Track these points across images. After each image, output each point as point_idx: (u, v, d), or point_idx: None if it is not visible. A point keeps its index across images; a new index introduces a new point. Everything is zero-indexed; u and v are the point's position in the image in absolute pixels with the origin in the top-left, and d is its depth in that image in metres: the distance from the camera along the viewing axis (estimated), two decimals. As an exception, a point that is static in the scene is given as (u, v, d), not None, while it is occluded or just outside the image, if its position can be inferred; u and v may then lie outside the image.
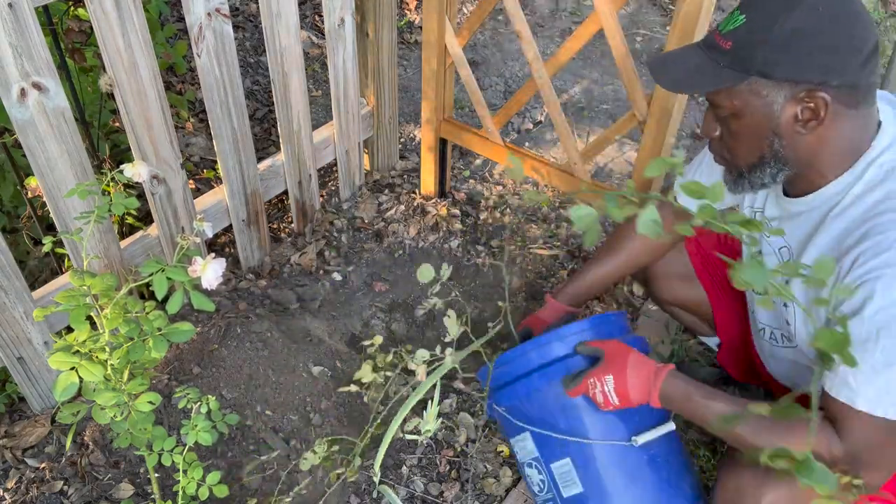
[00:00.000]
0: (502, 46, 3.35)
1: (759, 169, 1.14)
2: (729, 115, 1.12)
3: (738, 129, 1.12)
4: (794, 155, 1.10)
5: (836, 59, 1.01)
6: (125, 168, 1.18)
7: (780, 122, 1.07)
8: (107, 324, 1.09)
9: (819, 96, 1.02)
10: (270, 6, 1.74)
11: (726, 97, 1.10)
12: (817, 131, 1.06)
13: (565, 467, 1.30)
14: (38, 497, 1.53)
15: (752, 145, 1.12)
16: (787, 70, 1.02)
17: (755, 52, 1.03)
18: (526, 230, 2.31)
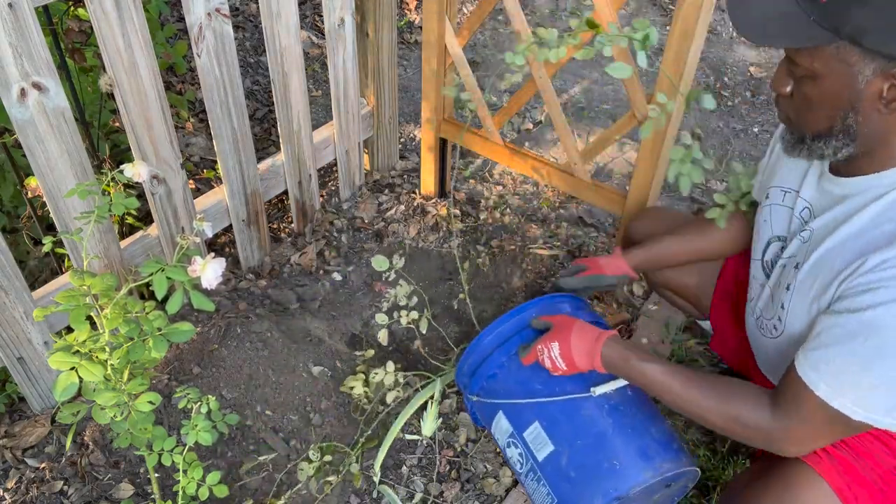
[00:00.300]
0: (502, 46, 3.35)
1: (824, 139, 1.07)
2: (806, 76, 1.03)
3: (812, 94, 1.04)
4: (867, 134, 1.03)
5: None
6: (125, 168, 1.18)
7: (861, 97, 0.99)
8: (107, 324, 1.09)
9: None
10: (270, 6, 1.74)
11: (807, 56, 1.00)
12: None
13: (535, 431, 1.35)
14: (38, 497, 1.53)
15: (825, 114, 1.04)
16: (882, 40, 0.93)
17: (849, 12, 0.94)
18: (526, 230, 2.31)
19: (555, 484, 1.32)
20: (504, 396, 1.42)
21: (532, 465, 1.37)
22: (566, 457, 1.31)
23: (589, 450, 1.31)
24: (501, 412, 1.41)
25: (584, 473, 1.29)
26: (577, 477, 1.30)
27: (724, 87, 3.21)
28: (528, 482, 1.40)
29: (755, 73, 3.30)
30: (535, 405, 1.37)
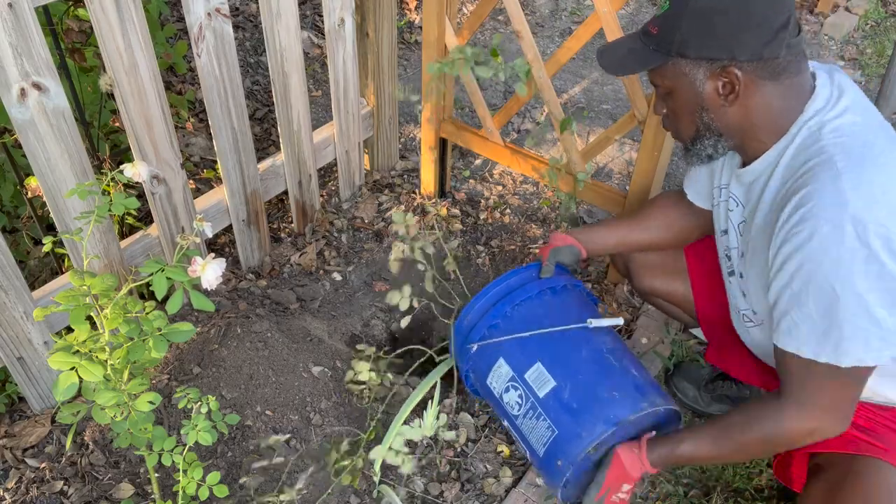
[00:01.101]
0: (502, 46, 3.35)
1: (699, 141, 1.25)
2: (665, 94, 1.24)
3: (674, 106, 1.24)
4: (725, 126, 1.20)
5: (741, 37, 1.10)
6: (125, 168, 1.18)
7: (704, 97, 1.18)
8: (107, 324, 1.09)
9: (732, 71, 1.12)
10: (270, 6, 1.74)
11: (660, 77, 1.22)
12: (739, 103, 1.16)
13: (537, 371, 1.44)
14: (38, 497, 1.53)
15: (688, 119, 1.23)
16: (699, 49, 1.13)
17: (673, 35, 1.15)
18: (526, 230, 2.31)
19: (556, 416, 1.40)
20: (506, 346, 1.50)
21: (532, 402, 1.43)
22: (568, 391, 1.41)
23: (589, 384, 1.41)
24: (502, 358, 1.49)
25: (586, 403, 1.39)
26: (578, 407, 1.39)
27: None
28: (526, 421, 1.45)
29: (755, 73, 3.30)
30: (537, 348, 1.47)
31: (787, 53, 1.11)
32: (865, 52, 3.49)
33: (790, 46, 1.11)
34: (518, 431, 1.49)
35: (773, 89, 1.14)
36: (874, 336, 1.07)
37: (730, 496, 1.61)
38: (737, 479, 1.64)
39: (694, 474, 1.66)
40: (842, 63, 3.43)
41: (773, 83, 1.14)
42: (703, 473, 1.66)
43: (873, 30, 3.69)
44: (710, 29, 1.11)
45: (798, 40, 1.12)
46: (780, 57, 1.11)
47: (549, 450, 1.41)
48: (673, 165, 2.67)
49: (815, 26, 3.68)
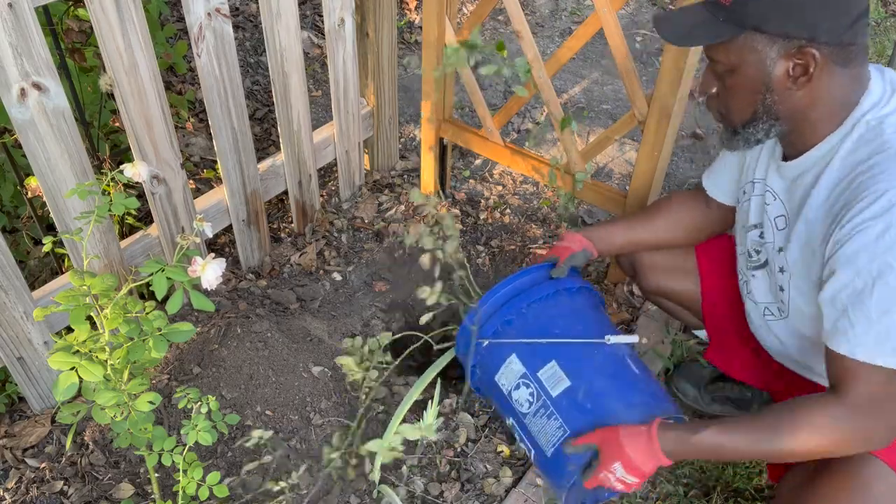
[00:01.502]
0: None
1: (752, 124, 1.20)
2: (725, 71, 1.17)
3: (733, 84, 1.17)
4: (787, 110, 1.15)
5: (826, 17, 1.06)
6: (125, 168, 1.18)
7: (772, 77, 1.12)
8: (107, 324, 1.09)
9: (809, 52, 1.07)
10: (270, 6, 1.74)
11: (724, 52, 1.15)
12: (808, 87, 1.12)
13: (551, 370, 1.41)
14: (38, 497, 1.53)
15: (747, 100, 1.17)
16: (779, 25, 1.08)
17: (750, 7, 1.09)
18: (526, 230, 2.31)
19: (568, 416, 1.37)
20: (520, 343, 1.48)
21: (544, 401, 1.40)
22: (583, 392, 1.38)
23: (605, 387, 1.38)
24: (515, 354, 1.46)
25: (600, 406, 1.36)
26: (592, 408, 1.36)
27: (724, 87, 3.21)
28: (536, 420, 1.42)
29: (755, 73, 3.30)
30: (553, 347, 1.44)
31: (861, 42, 1.09)
32: (865, 52, 3.49)
33: (864, 36, 1.09)
34: (524, 430, 1.47)
35: (842, 77, 1.11)
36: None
37: (730, 496, 1.61)
38: (737, 479, 1.64)
39: (694, 474, 1.66)
40: (842, 63, 3.43)
41: (844, 71, 1.10)
42: (703, 473, 1.66)
43: (873, 30, 3.69)
44: (793, 5, 1.06)
45: (867, 29, 1.10)
46: (856, 44, 1.08)
47: (558, 450, 1.37)
48: (673, 165, 2.67)
49: (815, 26, 3.68)
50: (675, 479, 1.65)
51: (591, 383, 1.39)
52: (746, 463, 1.66)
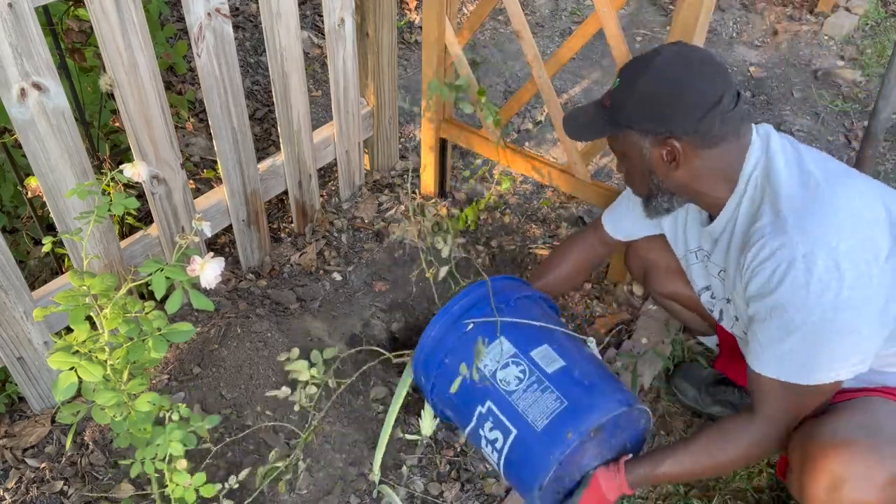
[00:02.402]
0: (502, 46, 3.35)
1: (653, 198, 1.39)
2: (621, 157, 1.39)
3: (628, 168, 1.39)
4: (675, 187, 1.34)
5: (675, 115, 1.24)
6: (125, 168, 1.18)
7: (651, 163, 1.32)
8: (106, 324, 1.09)
9: (671, 143, 1.26)
10: (270, 6, 1.74)
11: (614, 143, 1.38)
12: (684, 168, 1.29)
13: (544, 351, 1.48)
14: (38, 497, 1.53)
15: (640, 180, 1.38)
16: (643, 124, 1.28)
17: (622, 111, 1.30)
18: (526, 230, 2.31)
19: (566, 390, 1.42)
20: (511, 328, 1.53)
21: (538, 376, 1.45)
22: (578, 371, 1.46)
23: (596, 372, 1.48)
24: (503, 336, 1.51)
25: (597, 384, 1.45)
26: (589, 386, 1.44)
27: (725, 87, 3.21)
28: (528, 394, 1.43)
29: (755, 74, 3.30)
30: (543, 334, 1.53)
31: (721, 126, 1.24)
32: (865, 52, 3.49)
33: (724, 121, 1.24)
34: (507, 410, 1.44)
35: (713, 154, 1.27)
36: (832, 359, 1.19)
37: (730, 496, 1.61)
38: (737, 479, 1.64)
39: (694, 474, 1.66)
40: (842, 63, 3.43)
41: (712, 150, 1.27)
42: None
43: (873, 30, 3.69)
44: (650, 108, 1.26)
45: (735, 112, 1.25)
46: (715, 128, 1.24)
47: (554, 420, 1.38)
48: (673, 165, 2.67)
49: (815, 26, 3.68)
50: (675, 479, 1.65)
51: (583, 367, 1.47)
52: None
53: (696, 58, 1.26)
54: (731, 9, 3.79)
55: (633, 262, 1.77)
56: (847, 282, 1.14)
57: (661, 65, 1.25)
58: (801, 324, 1.18)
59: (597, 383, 1.44)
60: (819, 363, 1.20)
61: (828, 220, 1.18)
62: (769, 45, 3.54)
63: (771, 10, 3.79)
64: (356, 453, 1.65)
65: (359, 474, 1.61)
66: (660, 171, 1.32)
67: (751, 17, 3.74)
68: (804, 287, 1.16)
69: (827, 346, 1.18)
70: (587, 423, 1.36)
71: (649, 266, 1.72)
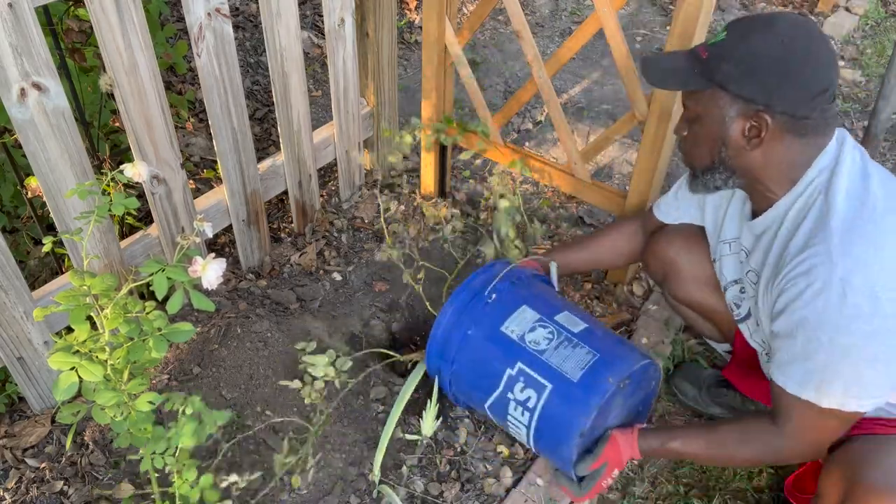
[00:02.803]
0: (502, 46, 3.35)
1: (710, 172, 1.30)
2: (693, 118, 1.28)
3: (697, 132, 1.28)
4: (741, 167, 1.26)
5: (783, 89, 1.15)
6: (125, 168, 1.18)
7: (728, 133, 1.23)
8: (107, 324, 1.09)
9: (763, 117, 1.18)
10: (270, 6, 1.74)
11: (693, 100, 1.26)
12: (761, 149, 1.22)
13: (566, 316, 1.55)
14: (38, 497, 1.53)
15: (706, 149, 1.28)
16: (740, 87, 1.18)
17: (720, 66, 1.19)
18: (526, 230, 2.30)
19: (595, 346, 1.49)
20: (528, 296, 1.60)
21: (567, 336, 1.51)
22: (600, 331, 1.54)
23: (614, 335, 1.57)
24: (525, 305, 1.57)
25: (620, 341, 1.55)
26: (614, 341, 1.53)
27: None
28: (559, 351, 1.48)
29: (755, 73, 3.30)
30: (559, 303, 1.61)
31: (819, 116, 1.18)
32: (865, 52, 3.49)
33: (823, 111, 1.18)
34: (541, 367, 1.48)
35: (796, 145, 1.21)
36: (853, 385, 1.15)
37: (730, 496, 1.61)
38: (737, 479, 1.64)
39: (694, 474, 1.66)
40: (842, 63, 3.43)
41: (798, 140, 1.20)
42: (703, 474, 1.66)
43: (873, 30, 3.70)
44: (756, 71, 1.16)
45: (832, 108, 1.19)
46: (811, 118, 1.17)
47: (590, 369, 1.44)
48: (673, 165, 2.67)
49: (815, 26, 3.68)
50: (675, 478, 1.65)
51: (602, 328, 1.56)
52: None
53: (819, 37, 1.17)
54: (731, 9, 3.79)
55: (653, 262, 1.69)
56: (881, 311, 1.11)
57: (783, 30, 1.15)
58: (828, 344, 1.14)
59: (619, 341, 1.54)
60: (840, 388, 1.16)
61: (875, 248, 1.13)
62: (769, 45, 3.53)
63: (771, 10, 3.79)
64: (356, 453, 1.65)
65: (359, 474, 1.61)
66: (733, 145, 1.23)
67: (751, 17, 3.74)
68: (837, 309, 1.12)
69: (851, 372, 1.15)
70: (622, 370, 1.43)
71: (670, 269, 1.65)
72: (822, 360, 1.16)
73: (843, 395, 1.16)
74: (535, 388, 1.47)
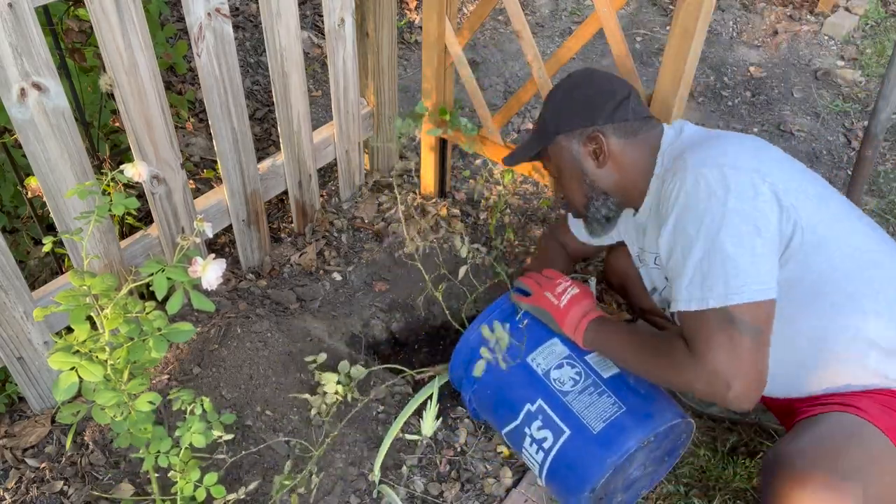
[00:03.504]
0: (502, 46, 3.35)
1: (591, 205, 1.45)
2: (557, 174, 1.48)
3: (564, 181, 1.46)
4: (607, 184, 1.42)
5: (595, 108, 1.38)
6: (125, 168, 1.18)
7: (582, 163, 1.41)
8: (107, 324, 1.09)
9: (596, 135, 1.38)
10: (270, 6, 1.74)
11: (548, 161, 1.49)
12: (611, 161, 1.40)
13: (598, 357, 1.49)
14: (38, 497, 1.53)
15: (576, 188, 1.45)
16: (566, 124, 1.41)
17: (547, 123, 1.45)
18: (526, 230, 2.31)
19: (623, 396, 1.42)
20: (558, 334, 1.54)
21: (594, 380, 1.45)
22: (632, 380, 1.45)
23: (648, 384, 1.45)
24: (558, 339, 1.52)
25: (651, 395, 1.43)
26: (646, 394, 1.43)
27: (724, 87, 3.22)
28: (584, 396, 1.42)
29: (755, 73, 3.31)
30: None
31: (634, 116, 1.38)
32: (865, 52, 3.49)
33: (636, 111, 1.39)
34: (561, 410, 1.42)
35: (633, 145, 1.38)
36: (731, 273, 1.17)
37: (730, 496, 1.61)
38: (737, 479, 1.64)
39: (694, 474, 1.66)
40: (842, 63, 3.43)
41: (632, 140, 1.38)
42: (704, 473, 1.66)
43: (873, 30, 3.70)
44: (570, 108, 1.41)
45: (643, 108, 1.41)
46: (630, 119, 1.37)
47: (612, 424, 1.37)
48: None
49: (815, 26, 3.68)
50: (675, 478, 1.65)
51: (636, 379, 1.45)
52: (747, 463, 1.66)
53: (598, 71, 1.45)
54: (731, 9, 3.79)
55: (612, 277, 1.82)
56: (734, 191, 1.17)
57: (570, 79, 1.45)
58: (696, 235, 1.19)
59: (652, 393, 1.43)
60: (720, 279, 1.17)
61: (721, 148, 1.25)
62: (769, 45, 3.54)
63: (771, 10, 3.79)
64: (356, 453, 1.65)
65: (359, 474, 1.61)
66: (590, 170, 1.41)
67: (751, 17, 3.75)
68: (693, 194, 1.20)
69: (722, 257, 1.17)
70: (645, 431, 1.35)
71: (626, 281, 1.75)
72: (697, 256, 1.20)
73: (724, 287, 1.17)
74: (553, 431, 1.43)
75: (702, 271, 1.19)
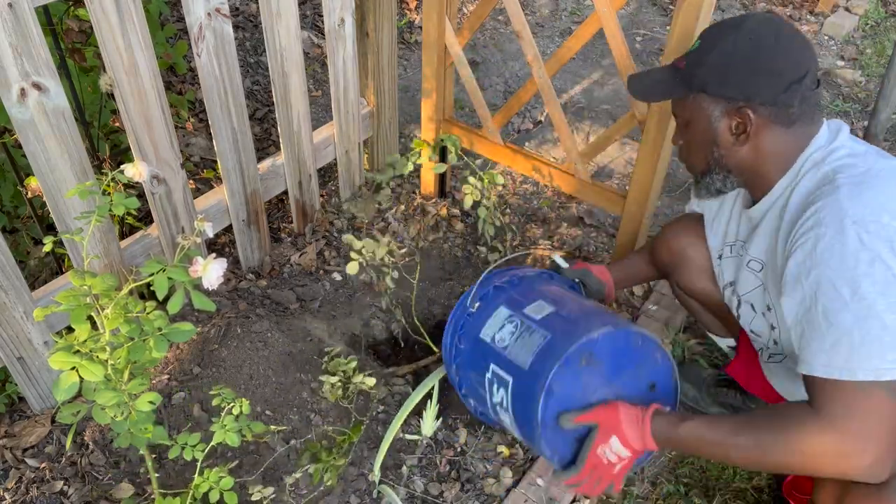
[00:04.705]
0: (502, 46, 3.35)
1: (708, 175, 1.33)
2: (683, 125, 1.33)
3: (689, 138, 1.33)
4: (735, 164, 1.29)
5: (758, 83, 1.19)
6: (125, 168, 1.18)
7: (717, 133, 1.26)
8: (107, 324, 1.09)
9: (745, 112, 1.21)
10: (270, 6, 1.74)
11: (680, 108, 1.32)
12: (751, 143, 1.24)
13: (537, 305, 1.46)
14: (38, 497, 1.53)
15: (700, 153, 1.32)
16: (718, 88, 1.23)
17: (697, 72, 1.25)
18: (526, 230, 2.31)
19: (552, 325, 1.39)
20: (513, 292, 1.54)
21: (528, 325, 1.42)
22: (567, 311, 1.43)
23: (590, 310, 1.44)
24: (503, 306, 1.50)
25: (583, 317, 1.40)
26: (576, 318, 1.40)
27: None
28: (518, 342, 1.41)
29: (755, 73, 3.30)
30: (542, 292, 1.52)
31: (800, 104, 1.19)
32: (865, 52, 3.49)
33: (804, 99, 1.20)
34: (505, 365, 1.40)
35: (784, 135, 1.22)
36: (889, 344, 1.01)
37: (731, 496, 1.61)
38: (737, 478, 1.64)
39: (694, 474, 1.66)
40: (842, 63, 3.43)
41: (785, 130, 1.22)
42: (704, 473, 1.66)
43: (873, 30, 3.70)
44: (729, 71, 1.21)
45: (814, 94, 1.21)
46: (794, 106, 1.19)
47: (539, 354, 1.33)
48: (673, 165, 2.67)
49: (815, 26, 3.68)
50: (675, 478, 1.65)
51: (574, 307, 1.45)
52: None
53: (786, 28, 1.20)
54: (731, 9, 3.79)
55: (663, 251, 1.66)
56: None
57: (750, 28, 1.19)
58: (851, 299, 1.03)
59: (586, 315, 1.38)
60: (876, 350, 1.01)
61: (885, 196, 1.08)
62: (769, 45, 3.54)
63: (771, 10, 3.79)
64: (356, 453, 1.65)
65: (359, 474, 1.61)
66: (724, 144, 1.26)
67: (750, 17, 3.74)
68: (853, 256, 1.03)
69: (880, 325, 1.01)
70: (567, 346, 1.28)
71: (680, 259, 1.63)
72: (847, 322, 1.03)
73: (879, 360, 1.01)
74: (504, 386, 1.40)
75: (851, 339, 1.03)
